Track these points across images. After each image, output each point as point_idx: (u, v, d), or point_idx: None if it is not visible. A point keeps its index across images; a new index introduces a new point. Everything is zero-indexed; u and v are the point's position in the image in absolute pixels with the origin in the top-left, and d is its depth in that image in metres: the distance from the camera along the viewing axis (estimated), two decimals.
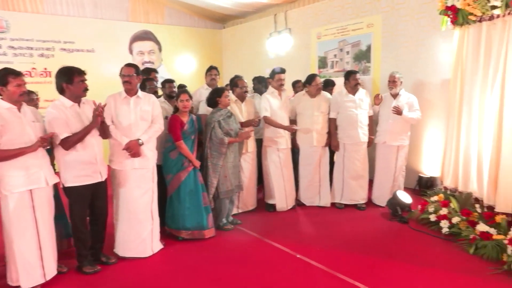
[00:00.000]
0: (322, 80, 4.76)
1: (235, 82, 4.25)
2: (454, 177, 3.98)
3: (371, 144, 4.56)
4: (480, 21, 3.56)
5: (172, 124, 3.57)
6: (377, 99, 4.54)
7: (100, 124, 2.99)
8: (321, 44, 6.50)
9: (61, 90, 2.93)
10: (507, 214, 3.41)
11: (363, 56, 5.84)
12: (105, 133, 3.12)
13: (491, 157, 3.53)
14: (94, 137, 2.99)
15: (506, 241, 3.11)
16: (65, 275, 3.04)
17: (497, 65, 3.44)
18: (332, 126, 4.52)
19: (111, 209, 3.32)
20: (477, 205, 3.71)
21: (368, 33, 5.72)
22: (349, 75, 4.46)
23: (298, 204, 4.68)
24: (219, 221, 3.93)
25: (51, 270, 2.89)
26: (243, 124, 4.16)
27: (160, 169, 3.58)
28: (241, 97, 4.25)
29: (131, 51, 7.83)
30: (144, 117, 3.25)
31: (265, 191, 4.56)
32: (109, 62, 7.21)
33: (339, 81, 5.91)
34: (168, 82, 4.59)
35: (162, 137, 3.60)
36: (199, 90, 4.62)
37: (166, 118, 3.65)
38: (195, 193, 3.63)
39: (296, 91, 5.33)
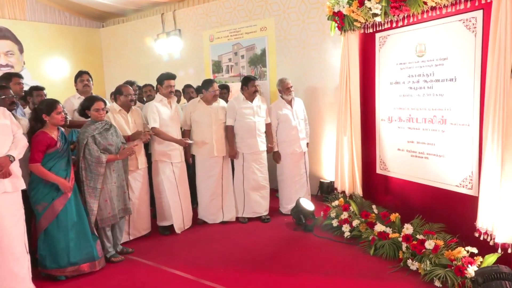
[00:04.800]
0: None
1: (119, 89, 4.04)
2: (349, 181, 4.39)
3: (270, 151, 4.74)
4: (364, 27, 4.01)
5: (38, 142, 3.20)
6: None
7: None
8: (215, 47, 6.58)
9: None
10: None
11: (259, 60, 6.08)
12: None
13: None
14: None
15: (400, 239, 3.51)
16: None
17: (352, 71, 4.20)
18: (230, 134, 4.57)
19: None
20: (373, 206, 4.12)
21: (262, 37, 5.98)
22: (248, 82, 4.58)
23: (199, 222, 4.62)
24: (105, 253, 3.65)
25: None
26: (130, 138, 3.95)
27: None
28: (126, 106, 4.04)
29: None
30: (5, 132, 2.93)
31: (158, 212, 4.38)
32: None
33: (236, 86, 6.07)
34: (36, 89, 4.14)
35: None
36: (70, 100, 4.27)
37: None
38: (80, 222, 3.37)
39: (187, 97, 5.28)
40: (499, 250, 2.88)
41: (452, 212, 3.45)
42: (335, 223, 4.19)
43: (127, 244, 4.02)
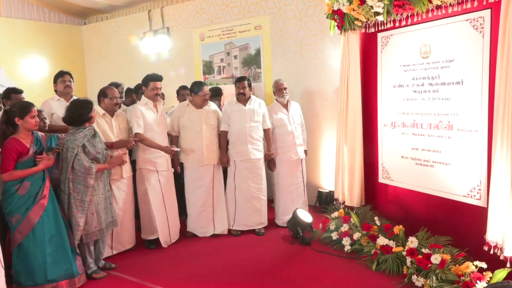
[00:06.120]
0: (209, 88, 4.81)
1: (104, 91, 4.03)
2: (351, 192, 4.39)
3: (268, 159, 4.73)
4: (365, 27, 4.04)
5: (8, 151, 3.17)
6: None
7: None
8: (206, 47, 6.59)
9: None
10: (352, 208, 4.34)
11: (253, 61, 6.10)
12: None
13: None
14: None
15: (404, 253, 3.51)
16: None
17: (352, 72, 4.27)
18: (223, 139, 4.59)
19: None
20: (376, 217, 4.13)
21: (257, 36, 6.00)
22: (235, 82, 4.66)
23: (188, 236, 4.60)
24: (86, 269, 3.62)
25: None
26: (114, 146, 3.93)
27: None
28: (111, 110, 4.03)
29: None
30: None
31: (143, 224, 4.36)
32: None
33: (228, 88, 6.08)
34: (14, 92, 4.12)
35: None
36: (48, 102, 4.26)
37: None
38: (58, 235, 3.34)
39: (181, 100, 5.28)
40: (508, 265, 2.90)
41: (460, 224, 3.47)
42: (334, 236, 4.19)
43: (110, 259, 3.98)
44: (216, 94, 5.35)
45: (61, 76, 4.27)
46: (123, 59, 7.76)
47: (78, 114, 3.51)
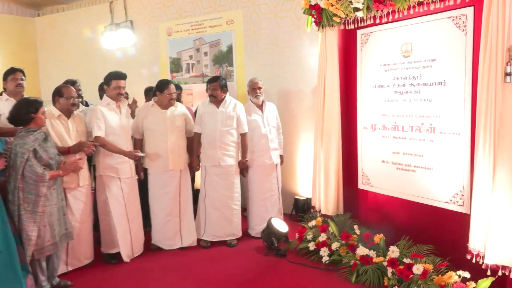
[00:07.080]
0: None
1: (59, 90, 3.93)
2: (329, 199, 4.42)
3: (243, 166, 4.68)
4: (344, 23, 4.09)
5: None
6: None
7: None
8: (173, 42, 6.53)
9: None
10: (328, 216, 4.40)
11: (224, 58, 6.07)
12: None
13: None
14: None
15: (385, 263, 3.55)
16: None
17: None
18: (195, 142, 4.59)
19: None
20: (355, 226, 4.16)
21: (229, 31, 5.99)
22: (207, 83, 4.68)
23: (153, 249, 4.53)
24: (37, 287, 3.50)
25: None
26: (71, 150, 3.82)
27: None
28: (67, 111, 3.93)
29: None
30: None
31: (103, 237, 4.26)
32: None
33: (197, 88, 6.03)
34: None
35: None
36: None
37: None
38: (7, 251, 3.21)
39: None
40: (488, 272, 2.98)
41: (442, 232, 3.54)
42: (311, 246, 4.20)
43: (65, 276, 3.88)
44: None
45: (12, 74, 4.15)
46: (81, 55, 7.61)
47: (16, 113, 3.42)
